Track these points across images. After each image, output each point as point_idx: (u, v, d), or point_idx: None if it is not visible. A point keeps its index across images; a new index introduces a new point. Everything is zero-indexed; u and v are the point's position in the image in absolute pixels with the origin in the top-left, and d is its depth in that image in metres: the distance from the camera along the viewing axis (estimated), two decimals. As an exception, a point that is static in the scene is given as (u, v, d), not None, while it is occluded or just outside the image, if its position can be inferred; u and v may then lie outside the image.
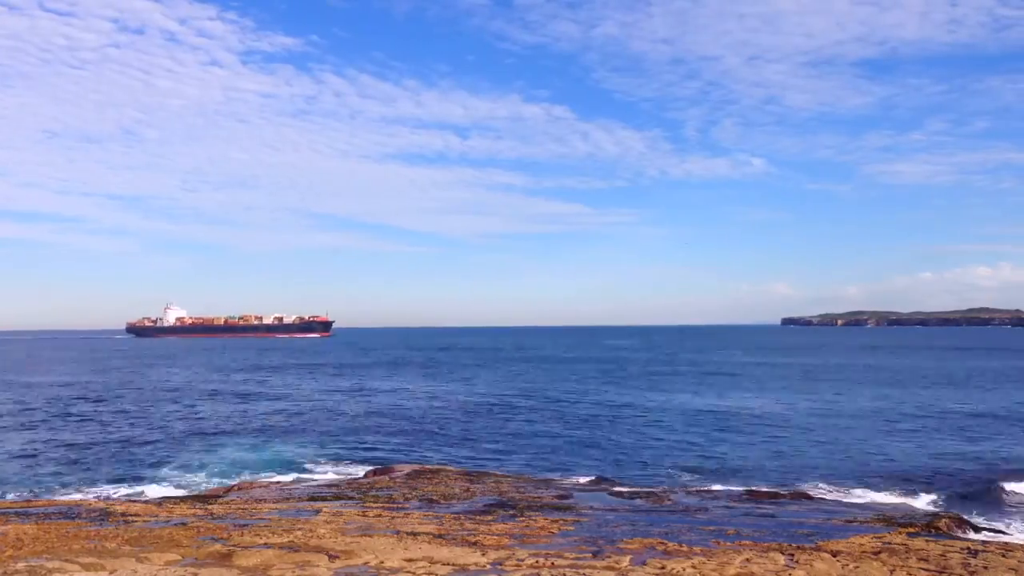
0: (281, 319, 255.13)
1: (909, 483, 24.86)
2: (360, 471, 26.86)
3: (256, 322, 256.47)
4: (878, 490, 23.96)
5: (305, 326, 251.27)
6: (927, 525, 17.27)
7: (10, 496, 23.40)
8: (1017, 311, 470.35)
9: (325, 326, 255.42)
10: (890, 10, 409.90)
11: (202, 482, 26.33)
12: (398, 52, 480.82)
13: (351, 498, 19.83)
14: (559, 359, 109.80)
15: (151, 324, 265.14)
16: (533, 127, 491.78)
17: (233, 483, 24.53)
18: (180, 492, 23.87)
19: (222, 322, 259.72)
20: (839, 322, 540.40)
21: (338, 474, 27.17)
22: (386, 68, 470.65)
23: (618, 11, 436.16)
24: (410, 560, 11.66)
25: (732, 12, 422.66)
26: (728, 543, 13.65)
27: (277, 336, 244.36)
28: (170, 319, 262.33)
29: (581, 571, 11.00)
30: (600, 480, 25.71)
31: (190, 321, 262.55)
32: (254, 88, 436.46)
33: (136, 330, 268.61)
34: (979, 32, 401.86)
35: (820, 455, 30.14)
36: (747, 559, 12.07)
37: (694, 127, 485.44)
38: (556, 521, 16.09)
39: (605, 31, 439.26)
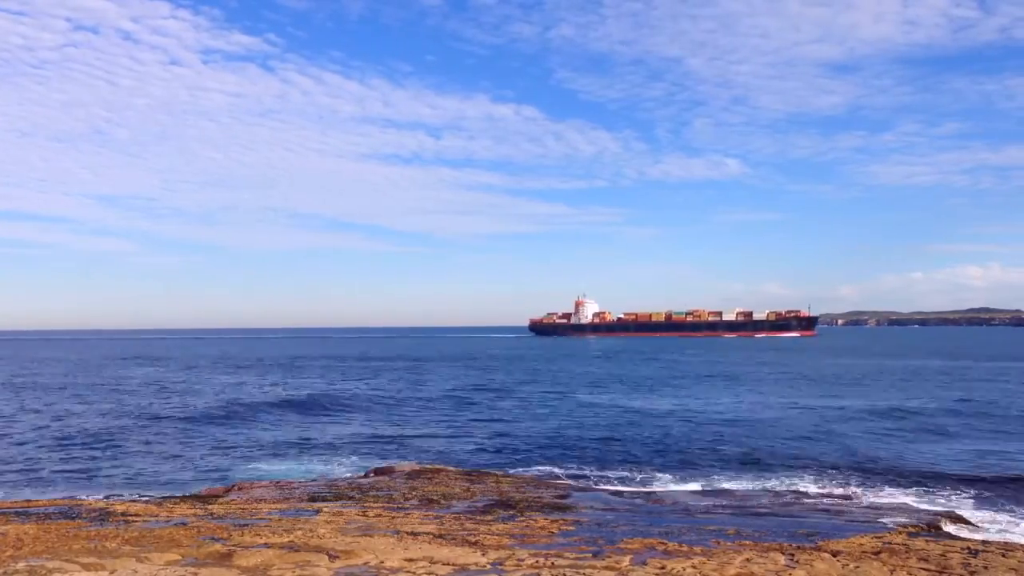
0: (749, 315, 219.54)
1: (909, 483, 24.83)
2: (360, 471, 26.84)
3: (712, 318, 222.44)
4: (879, 490, 23.94)
5: (781, 323, 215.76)
6: (927, 525, 17.28)
7: (10, 496, 23.37)
8: (1017, 311, 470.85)
9: (808, 323, 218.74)
10: (844, 12, 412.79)
11: (201, 482, 26.27)
12: (357, 52, 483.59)
13: (351, 498, 19.82)
14: (554, 358, 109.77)
15: (563, 321, 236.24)
16: (505, 127, 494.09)
17: (233, 483, 24.48)
18: (180, 492, 23.82)
19: (663, 318, 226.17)
20: (839, 322, 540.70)
21: (338, 474, 27.14)
22: (349, 68, 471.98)
23: (571, 12, 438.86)
24: (410, 560, 11.66)
25: (684, 14, 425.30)
26: (728, 543, 13.64)
27: (753, 335, 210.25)
28: (587, 315, 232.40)
29: (581, 571, 10.99)
30: (600, 480, 25.71)
31: (614, 318, 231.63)
32: (219, 87, 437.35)
33: (541, 328, 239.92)
34: (936, 33, 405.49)
35: (820, 455, 30.11)
36: (747, 559, 12.06)
37: (665, 128, 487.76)
38: (556, 521, 16.07)
39: (561, 33, 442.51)
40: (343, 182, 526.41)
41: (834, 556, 12.40)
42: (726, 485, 24.74)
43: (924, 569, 11.60)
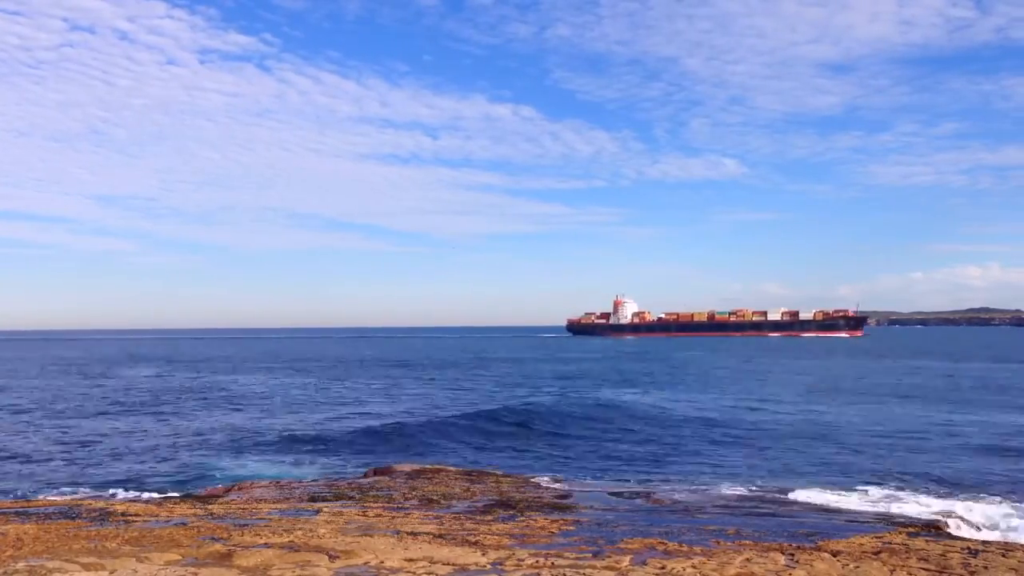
0: (795, 315, 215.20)
1: (909, 483, 24.83)
2: (360, 471, 26.84)
3: (757, 318, 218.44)
4: (879, 490, 23.93)
5: (829, 323, 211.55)
6: (927, 525, 17.27)
7: (10, 496, 23.37)
8: (1017, 311, 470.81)
9: (855, 323, 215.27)
10: (840, 12, 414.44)
11: (202, 482, 26.28)
12: (354, 52, 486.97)
13: (351, 498, 19.81)
14: (549, 359, 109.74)
15: (601, 321, 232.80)
16: (503, 127, 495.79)
17: (233, 483, 24.49)
18: (180, 492, 23.82)
19: (705, 318, 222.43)
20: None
21: (338, 474, 27.14)
22: (346, 68, 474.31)
23: (567, 12, 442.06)
24: (410, 560, 11.65)
25: (680, 14, 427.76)
26: (728, 543, 13.64)
27: (799, 335, 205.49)
28: (626, 315, 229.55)
29: (581, 571, 10.99)
30: (600, 480, 25.69)
31: (654, 318, 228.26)
32: (216, 87, 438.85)
33: (579, 327, 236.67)
34: (932, 33, 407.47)
35: (820, 455, 30.12)
36: (747, 559, 12.06)
37: (663, 128, 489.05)
38: (556, 521, 16.06)
39: (558, 33, 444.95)
40: (341, 182, 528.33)
41: (834, 556, 12.40)
42: (727, 485, 24.71)
43: (924, 569, 11.59)
